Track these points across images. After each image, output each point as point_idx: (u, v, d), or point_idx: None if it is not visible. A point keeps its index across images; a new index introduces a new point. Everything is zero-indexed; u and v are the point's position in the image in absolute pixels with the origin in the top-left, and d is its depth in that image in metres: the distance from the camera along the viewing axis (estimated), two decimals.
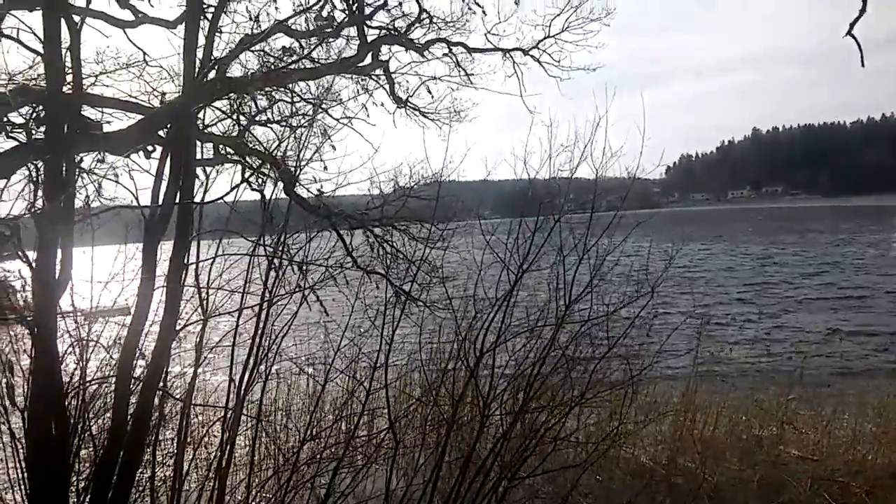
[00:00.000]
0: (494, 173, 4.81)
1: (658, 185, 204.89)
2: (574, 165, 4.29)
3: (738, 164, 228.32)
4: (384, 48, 8.82)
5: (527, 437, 3.61)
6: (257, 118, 6.40)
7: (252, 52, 6.21)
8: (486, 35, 9.59)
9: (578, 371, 4.01)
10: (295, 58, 6.20)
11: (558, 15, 9.35)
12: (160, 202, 3.47)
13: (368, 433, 4.23)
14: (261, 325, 3.54)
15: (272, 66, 5.89)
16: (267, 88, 6.08)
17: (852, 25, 4.08)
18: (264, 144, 6.18)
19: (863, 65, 4.25)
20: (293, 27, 6.81)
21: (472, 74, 9.67)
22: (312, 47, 6.71)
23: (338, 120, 7.16)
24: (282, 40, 6.84)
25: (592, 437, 4.37)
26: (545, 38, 9.59)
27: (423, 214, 6.99)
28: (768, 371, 11.77)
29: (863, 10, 4.01)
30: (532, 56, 9.78)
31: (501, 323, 3.74)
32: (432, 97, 9.41)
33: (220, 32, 5.59)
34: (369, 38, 8.36)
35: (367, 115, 7.72)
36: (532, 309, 4.18)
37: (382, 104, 8.43)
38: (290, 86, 6.53)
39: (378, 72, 8.93)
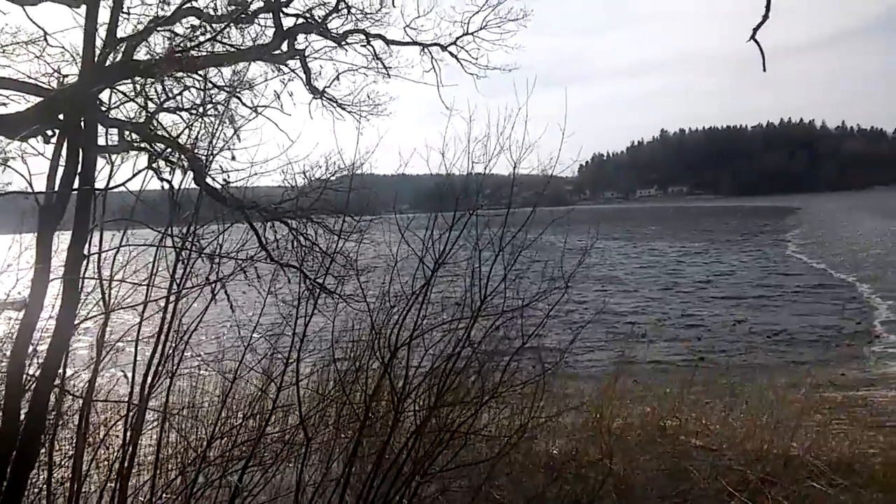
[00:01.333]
0: (413, 168, 4.79)
1: (570, 183, 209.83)
2: (490, 161, 4.32)
3: (646, 165, 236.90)
4: (301, 37, 8.65)
5: (440, 432, 3.62)
6: (166, 104, 6.16)
7: (161, 35, 5.96)
8: (404, 28, 9.58)
9: (492, 366, 4.05)
10: (202, 38, 5.97)
11: (477, 13, 9.44)
12: (56, 188, 3.27)
13: (282, 430, 4.14)
14: (167, 319, 3.41)
15: (181, 50, 5.67)
16: (177, 74, 5.85)
17: (755, 31, 4.27)
18: (172, 132, 5.94)
19: (764, 69, 4.45)
20: (205, 10, 6.58)
21: (391, 67, 9.64)
22: (221, 28, 6.49)
23: (252, 108, 6.96)
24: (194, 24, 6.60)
25: (505, 432, 4.43)
26: (464, 34, 9.67)
27: (338, 207, 6.91)
28: (675, 365, 12.24)
29: (765, 17, 4.20)
30: (450, 52, 9.84)
31: (417, 317, 3.74)
32: (352, 86, 9.33)
33: (128, 13, 5.34)
34: (285, 26, 8.18)
35: (282, 105, 7.55)
36: (449, 304, 4.20)
37: (291, 94, 8.27)
38: (203, 72, 6.31)
39: (294, 61, 8.76)
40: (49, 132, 4.80)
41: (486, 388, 3.96)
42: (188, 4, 6.32)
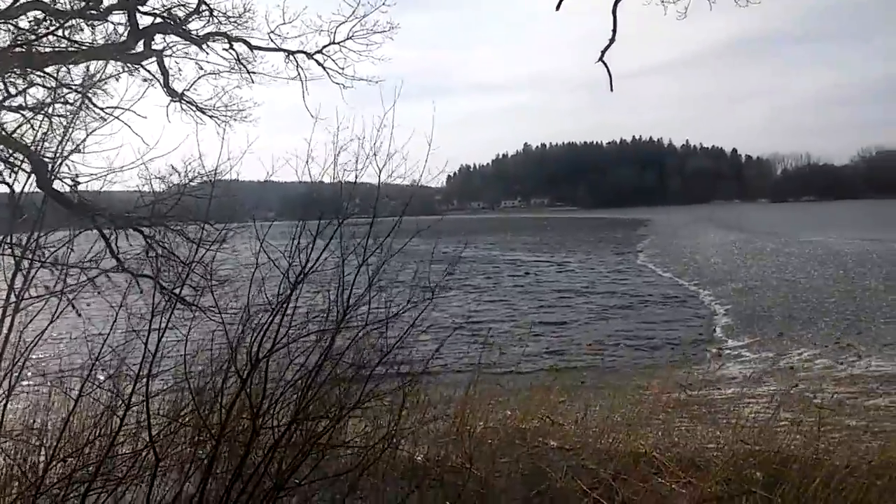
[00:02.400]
0: (280, 175, 4.72)
1: (439, 193, 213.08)
2: (359, 170, 4.34)
3: (511, 177, 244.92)
4: (158, 37, 8.29)
5: (302, 445, 3.57)
6: (7, 102, 5.72)
7: (1, 28, 5.53)
8: (269, 34, 9.43)
9: (357, 375, 4.05)
10: (47, 32, 5.60)
11: (343, 23, 9.46)
12: None
13: (133, 449, 3.92)
14: (3, 333, 3.16)
15: (23, 44, 5.29)
16: (20, 70, 5.44)
17: (603, 53, 4.57)
18: (10, 131, 5.52)
19: (611, 89, 4.76)
20: (51, 4, 6.17)
21: (255, 73, 9.45)
22: (64, 21, 6.11)
23: (103, 110, 6.59)
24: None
25: (369, 441, 4.43)
26: (330, 43, 9.65)
27: (200, 214, 6.66)
28: (536, 371, 12.69)
29: (612, 40, 4.50)
30: (316, 60, 9.79)
31: (279, 329, 3.67)
32: (214, 90, 9.04)
33: None
34: (142, 25, 7.81)
35: (133, 106, 7.20)
36: (313, 314, 4.16)
37: (144, 96, 7.91)
38: (54, 70, 5.91)
39: (151, 62, 8.38)
40: None
41: (349, 398, 3.95)
42: None
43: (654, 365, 13.82)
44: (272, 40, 9.42)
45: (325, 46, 9.61)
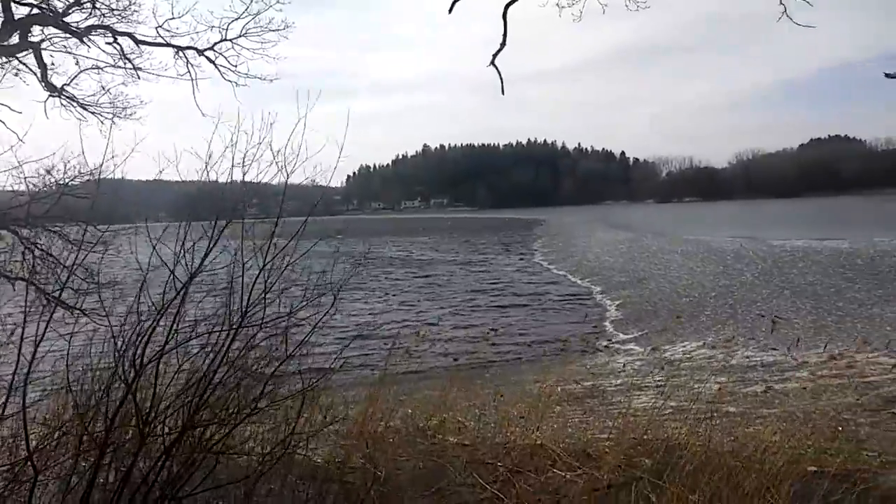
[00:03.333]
0: (172, 174, 4.54)
1: (339, 194, 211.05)
2: (256, 169, 4.25)
3: (410, 177, 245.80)
4: (36, 28, 7.79)
5: (194, 451, 3.45)
6: None
7: None
8: (157, 29, 9.04)
9: (254, 379, 3.95)
10: None
11: (236, 19, 9.21)
12: None
13: (10, 463, 3.67)
14: None
15: None
16: None
17: (494, 56, 4.66)
18: None
19: (503, 93, 4.87)
20: None
21: (141, 69, 9.04)
22: None
23: None
24: None
25: (267, 446, 4.34)
26: (222, 40, 9.37)
27: (81, 215, 6.31)
28: (438, 370, 12.79)
29: (503, 44, 4.60)
30: (207, 57, 9.49)
31: (169, 332, 3.54)
32: (97, 85, 8.58)
33: None
34: (17, 16, 7.31)
35: (12, 103, 6.75)
36: (210, 317, 4.03)
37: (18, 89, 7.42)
38: None
39: (27, 54, 7.86)
40: None
41: (246, 403, 3.85)
42: None
43: (550, 360, 14.23)
44: (160, 35, 9.04)
45: (216, 43, 9.33)
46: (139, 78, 9.01)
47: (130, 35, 8.84)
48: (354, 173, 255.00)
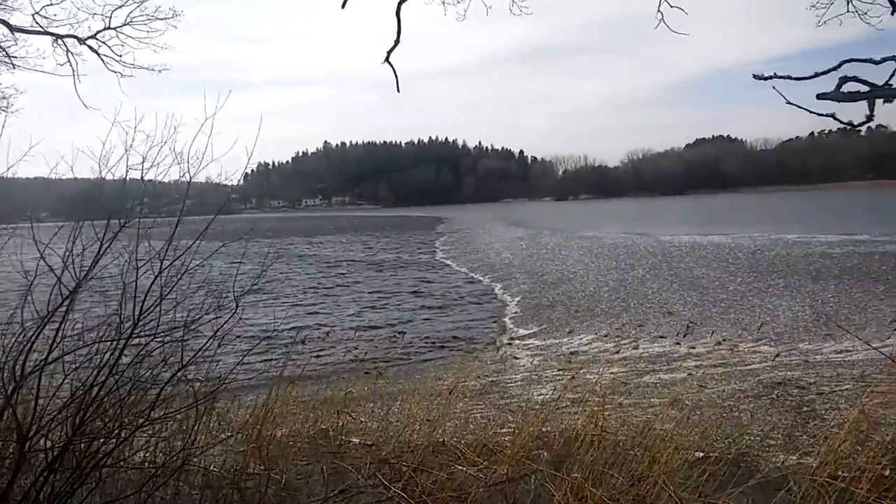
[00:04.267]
0: (55, 172, 4.29)
1: (236, 192, 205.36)
2: (148, 165, 4.09)
3: (311, 175, 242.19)
4: None
5: (75, 467, 3.29)
6: None
7: None
8: (34, 16, 8.54)
9: (146, 388, 3.81)
10: None
11: (120, 7, 8.81)
12: None
13: None
14: None
15: None
16: None
17: (389, 54, 4.67)
18: None
19: (398, 90, 4.89)
20: None
21: (16, 57, 8.51)
22: None
23: None
24: None
25: (161, 457, 4.19)
26: (105, 28, 8.94)
27: None
28: (342, 372, 12.67)
29: (397, 41, 4.62)
30: (89, 46, 9.03)
31: (53, 341, 3.36)
32: None
33: None
34: None
35: None
36: (99, 325, 3.84)
37: None
38: None
39: None
40: None
41: (139, 413, 3.71)
42: None
43: (453, 357, 14.39)
44: (37, 22, 8.54)
45: (99, 31, 8.89)
46: (14, 67, 8.47)
47: (4, 22, 8.31)
48: (253, 171, 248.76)
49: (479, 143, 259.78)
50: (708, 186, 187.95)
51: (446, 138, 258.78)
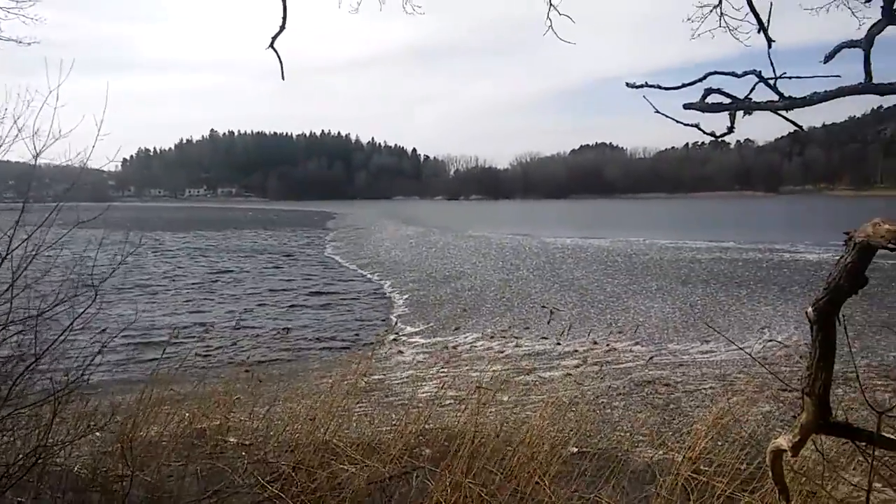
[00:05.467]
0: None
1: (113, 178, 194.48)
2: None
3: (196, 164, 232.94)
4: None
5: None
6: None
7: None
8: None
9: None
10: None
11: None
12: None
13: None
14: None
15: None
16: None
17: (274, 40, 4.54)
18: None
19: (283, 78, 4.77)
20: None
21: None
22: None
23: None
24: None
25: (15, 455, 3.90)
26: None
27: None
28: (221, 370, 12.24)
29: (282, 27, 4.50)
30: None
31: None
32: None
33: None
34: None
35: None
36: None
37: None
38: None
39: None
40: None
41: None
42: None
43: (339, 355, 14.23)
44: None
45: None
46: None
47: None
48: (132, 156, 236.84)
49: (373, 139, 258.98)
50: (590, 191, 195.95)
51: (339, 132, 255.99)
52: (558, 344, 14.17)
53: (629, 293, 21.21)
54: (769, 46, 4.64)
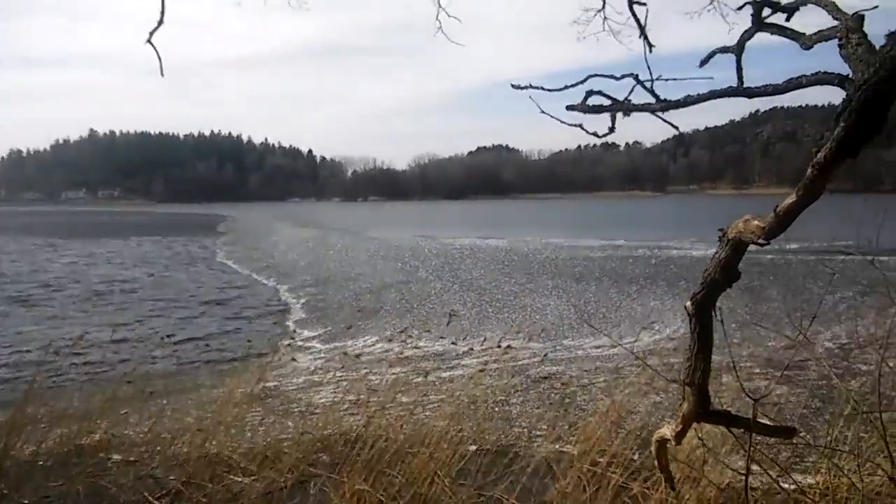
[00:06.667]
0: None
1: None
2: None
3: (74, 165, 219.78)
4: None
5: None
6: None
7: None
8: None
9: None
10: None
11: None
12: None
13: None
14: None
15: None
16: None
17: (151, 34, 4.33)
18: None
19: (162, 74, 4.56)
20: None
21: None
22: None
23: None
24: None
25: None
26: None
27: None
28: (104, 380, 11.57)
29: (160, 21, 4.30)
30: None
31: None
32: None
33: None
34: None
35: None
36: None
37: None
38: None
39: None
40: None
41: None
42: None
43: (231, 364, 13.75)
44: None
45: None
46: None
47: None
48: (3, 158, 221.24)
49: (266, 139, 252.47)
50: (488, 192, 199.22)
51: (230, 132, 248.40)
52: (457, 344, 14.30)
53: (526, 292, 21.71)
54: (649, 51, 4.85)
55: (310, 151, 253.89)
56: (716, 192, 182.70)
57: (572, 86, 3.42)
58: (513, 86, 3.58)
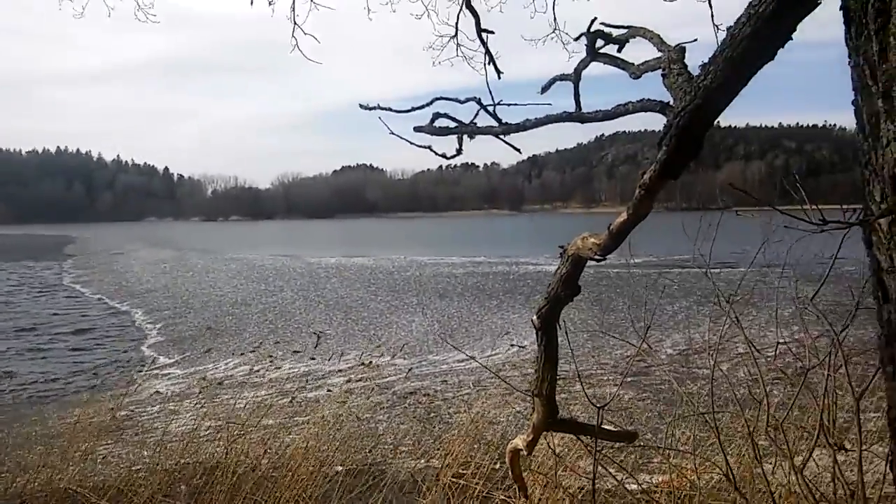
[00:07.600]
0: None
1: None
2: None
3: None
4: None
5: None
6: None
7: None
8: None
9: None
10: None
11: None
12: None
13: None
14: None
15: None
16: None
17: None
18: None
19: None
20: None
21: None
22: None
23: None
24: None
25: None
26: None
27: None
28: None
29: None
30: None
31: None
32: None
33: None
34: None
35: None
36: None
37: None
38: None
39: None
40: None
41: None
42: None
43: (80, 395, 12.84)
44: None
45: None
46: None
47: None
48: None
49: (118, 156, 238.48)
50: (353, 210, 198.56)
51: (78, 149, 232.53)
52: (323, 364, 14.16)
53: (392, 309, 21.85)
54: (497, 77, 5.13)
55: (166, 169, 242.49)
56: (567, 210, 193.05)
57: (420, 108, 3.57)
58: (361, 106, 3.68)
